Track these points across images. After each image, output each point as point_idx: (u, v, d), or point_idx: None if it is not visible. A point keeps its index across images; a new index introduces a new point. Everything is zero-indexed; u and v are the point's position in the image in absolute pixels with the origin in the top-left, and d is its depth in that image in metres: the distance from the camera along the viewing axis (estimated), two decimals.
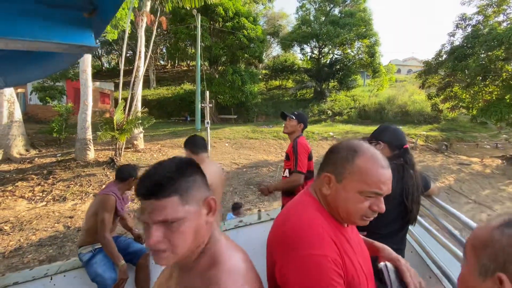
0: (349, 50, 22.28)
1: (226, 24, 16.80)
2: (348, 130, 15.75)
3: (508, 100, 9.93)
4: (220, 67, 19.57)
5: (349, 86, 22.65)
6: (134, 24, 10.87)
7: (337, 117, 20.03)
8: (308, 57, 23.97)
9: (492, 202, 7.98)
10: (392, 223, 1.50)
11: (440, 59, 11.99)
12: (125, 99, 9.28)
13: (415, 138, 13.51)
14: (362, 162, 0.72)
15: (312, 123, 18.87)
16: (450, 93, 12.40)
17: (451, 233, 1.40)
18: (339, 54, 23.30)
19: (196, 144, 1.89)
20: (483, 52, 10.34)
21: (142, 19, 9.23)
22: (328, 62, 23.21)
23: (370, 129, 16.01)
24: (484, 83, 10.77)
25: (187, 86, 23.16)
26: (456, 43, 11.44)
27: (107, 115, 9.28)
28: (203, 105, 10.44)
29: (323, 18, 21.31)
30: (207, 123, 9.23)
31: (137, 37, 10.18)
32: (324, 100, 21.74)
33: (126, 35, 9.18)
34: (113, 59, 34.15)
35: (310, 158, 2.19)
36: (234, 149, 12.11)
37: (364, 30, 19.51)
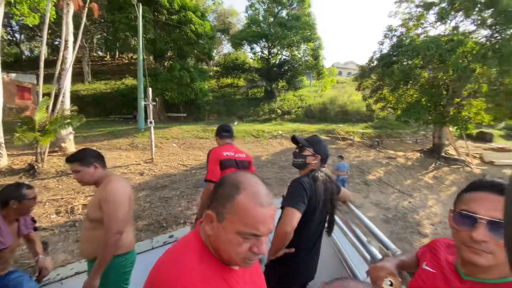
0: (296, 52, 23.33)
1: (172, 17, 15.88)
2: (295, 129, 16.52)
3: (424, 102, 11.67)
4: (167, 62, 18.45)
5: (297, 87, 23.81)
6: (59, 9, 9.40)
7: (286, 116, 20.85)
8: (259, 56, 24.36)
9: (412, 190, 9.30)
10: (316, 234, 1.55)
11: (372, 64, 13.44)
12: (49, 95, 7.99)
13: (352, 135, 14.92)
14: (242, 200, 0.66)
15: (263, 122, 19.28)
16: (381, 95, 14.01)
17: (359, 239, 1.49)
18: (287, 55, 24.23)
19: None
20: (405, 60, 11.93)
21: (67, 3, 8.03)
22: (277, 62, 23.94)
23: (315, 127, 17.12)
24: (406, 87, 12.48)
25: (130, 81, 21.26)
26: (385, 51, 12.97)
27: (28, 113, 7.85)
28: (145, 102, 9.67)
29: (272, 19, 21.86)
30: (150, 122, 8.58)
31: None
32: (274, 100, 22.39)
33: (47, 20, 7.89)
34: (37, 46, 29.31)
35: (226, 165, 2.11)
36: (183, 150, 11.57)
37: (309, 33, 20.66)
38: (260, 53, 24.20)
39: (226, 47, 32.81)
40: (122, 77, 22.42)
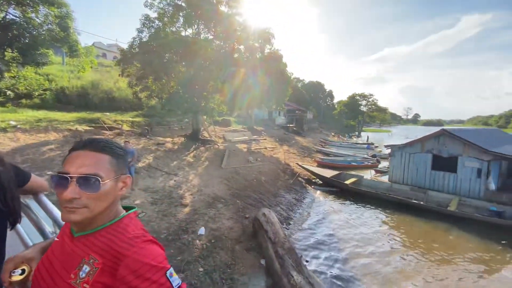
0: (32, 15, 17.17)
1: None
2: (41, 118, 12.56)
3: (182, 94, 13.48)
4: None
5: (39, 62, 17.85)
6: None
7: (23, 101, 15.15)
8: None
9: (177, 170, 10.63)
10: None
11: (133, 51, 13.16)
12: None
13: (121, 124, 14.07)
14: None
15: None
16: (147, 84, 14.25)
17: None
18: (17, 15, 17.15)
19: None
20: (164, 53, 12.92)
21: None
22: None
23: (73, 116, 14.03)
24: (167, 78, 13.68)
25: None
26: (145, 39, 13.15)
27: None
28: None
29: None
30: None
31: None
32: None
33: None
34: None
35: None
36: None
37: None
38: None
39: None
40: None
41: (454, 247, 7.57)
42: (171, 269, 0.75)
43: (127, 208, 0.91)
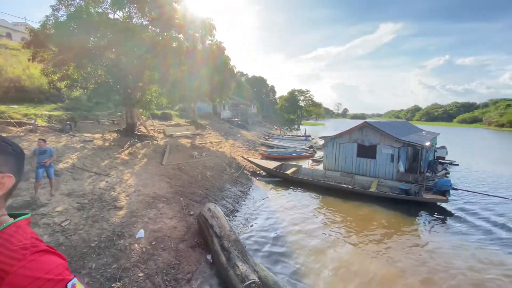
0: None
1: None
2: None
3: (112, 84, 12.03)
4: None
5: None
6: None
7: None
8: None
9: (109, 169, 9.55)
10: None
11: (47, 32, 11.08)
12: None
13: (34, 119, 11.82)
14: None
15: None
16: (66, 71, 12.23)
17: None
18: None
19: None
20: (89, 36, 11.23)
21: None
22: None
23: None
24: (93, 66, 11.98)
25: None
26: (62, 19, 11.20)
27: None
28: None
29: None
30: None
31: None
32: None
33: None
34: None
35: None
36: None
37: None
38: None
39: None
40: None
41: (373, 220, 8.91)
42: (74, 280, 0.66)
43: (16, 216, 0.76)
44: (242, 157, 16.22)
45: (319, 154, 20.55)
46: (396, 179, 11.95)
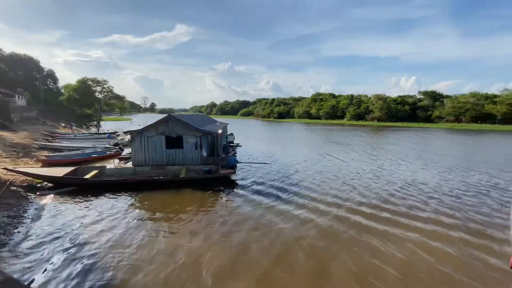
0: None
1: None
2: None
3: None
4: None
5: None
6: None
7: None
8: None
9: None
10: None
11: None
12: None
13: None
14: None
15: None
16: None
17: None
18: None
19: None
20: None
21: None
22: None
23: None
24: None
25: None
26: None
27: None
28: None
29: None
30: None
31: None
32: None
33: None
34: None
35: None
36: None
37: None
38: None
39: None
40: None
41: (186, 202, 9.88)
42: None
43: None
44: (4, 168, 11.41)
45: (127, 151, 18.90)
46: (201, 163, 13.78)
